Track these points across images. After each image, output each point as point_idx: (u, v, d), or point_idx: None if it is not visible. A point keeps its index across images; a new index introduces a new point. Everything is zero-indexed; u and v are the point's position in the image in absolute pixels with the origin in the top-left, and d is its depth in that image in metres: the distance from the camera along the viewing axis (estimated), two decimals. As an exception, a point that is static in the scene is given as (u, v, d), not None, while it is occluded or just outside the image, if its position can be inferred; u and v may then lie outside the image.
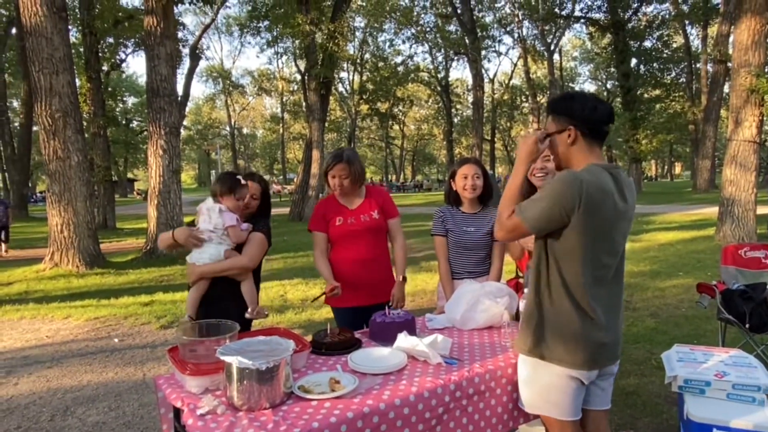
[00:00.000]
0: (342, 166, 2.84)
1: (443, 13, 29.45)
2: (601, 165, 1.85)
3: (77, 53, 16.81)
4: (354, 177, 2.89)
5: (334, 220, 2.94)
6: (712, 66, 24.70)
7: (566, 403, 1.89)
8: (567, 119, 1.88)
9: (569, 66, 50.56)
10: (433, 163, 67.75)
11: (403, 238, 3.08)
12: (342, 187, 2.88)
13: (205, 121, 58.01)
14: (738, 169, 9.39)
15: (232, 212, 2.58)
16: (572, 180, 1.75)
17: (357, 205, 2.98)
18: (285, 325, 5.39)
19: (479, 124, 22.98)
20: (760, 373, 2.56)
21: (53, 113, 8.74)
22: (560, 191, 1.76)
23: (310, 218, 3.03)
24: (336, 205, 2.98)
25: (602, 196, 1.77)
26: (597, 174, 1.79)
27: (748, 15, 9.15)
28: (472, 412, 1.94)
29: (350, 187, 2.91)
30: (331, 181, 2.90)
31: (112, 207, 18.23)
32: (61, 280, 8.32)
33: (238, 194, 2.60)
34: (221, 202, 2.58)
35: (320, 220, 2.97)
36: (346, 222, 2.93)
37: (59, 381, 4.18)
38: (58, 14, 8.75)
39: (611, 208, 1.79)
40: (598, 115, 1.86)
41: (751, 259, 4.20)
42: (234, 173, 2.68)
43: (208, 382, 1.81)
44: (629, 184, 1.91)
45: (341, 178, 2.86)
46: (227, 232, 2.57)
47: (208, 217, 2.56)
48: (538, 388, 1.92)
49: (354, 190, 2.95)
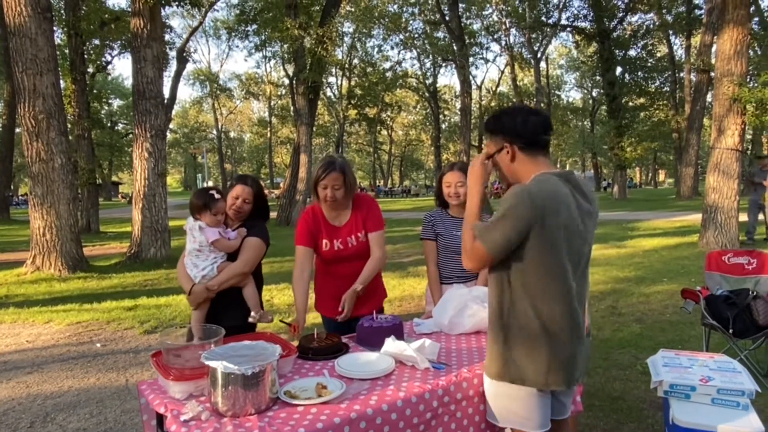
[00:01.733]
0: (335, 175, 2.61)
1: (431, 19, 29.64)
2: (549, 172, 1.82)
3: (62, 54, 16.60)
4: (347, 188, 2.66)
5: (321, 241, 2.76)
6: (695, 75, 25.11)
7: (535, 416, 1.84)
8: (501, 137, 1.87)
9: (555, 74, 51.15)
10: (421, 169, 68.02)
11: (381, 251, 2.78)
12: (334, 199, 2.64)
13: (192, 125, 57.63)
14: (721, 177, 9.53)
15: (212, 227, 2.59)
16: (521, 194, 1.72)
17: (345, 221, 2.78)
18: (272, 329, 5.34)
19: (467, 130, 23.08)
20: (744, 377, 2.58)
21: (36, 115, 8.61)
22: (514, 208, 1.72)
23: (296, 231, 2.81)
24: (323, 221, 2.78)
25: (555, 202, 1.73)
26: (545, 182, 1.76)
27: (731, 25, 9.32)
28: (460, 418, 1.93)
29: (342, 200, 2.68)
30: (322, 192, 2.64)
31: (96, 210, 17.98)
32: (43, 284, 8.18)
33: (213, 210, 2.59)
34: (199, 220, 2.60)
35: (307, 233, 2.76)
36: (333, 247, 2.75)
37: (39, 387, 4.10)
38: (42, 15, 8.64)
39: (571, 210, 1.76)
40: (531, 127, 1.82)
41: (735, 265, 4.26)
42: (208, 189, 2.66)
43: (192, 388, 1.78)
44: (585, 184, 1.89)
45: (334, 189, 2.62)
46: (213, 247, 2.59)
47: (192, 237, 2.59)
48: (506, 404, 1.87)
49: (346, 202, 2.74)
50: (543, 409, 1.85)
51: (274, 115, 47.71)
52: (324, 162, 2.69)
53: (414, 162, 64.79)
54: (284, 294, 7.17)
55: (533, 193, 1.71)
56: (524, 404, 1.83)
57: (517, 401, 1.83)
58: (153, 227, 10.26)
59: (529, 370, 1.78)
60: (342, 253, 2.76)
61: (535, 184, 1.75)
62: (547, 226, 1.71)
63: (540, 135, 1.84)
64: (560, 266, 1.75)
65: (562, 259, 1.75)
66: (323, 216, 2.78)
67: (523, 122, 1.82)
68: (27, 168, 9.01)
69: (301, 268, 2.74)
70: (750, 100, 9.19)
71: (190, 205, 2.64)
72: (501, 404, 1.88)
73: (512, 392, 1.83)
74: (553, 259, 1.74)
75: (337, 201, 2.66)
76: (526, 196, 1.71)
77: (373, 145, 53.11)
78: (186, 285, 2.62)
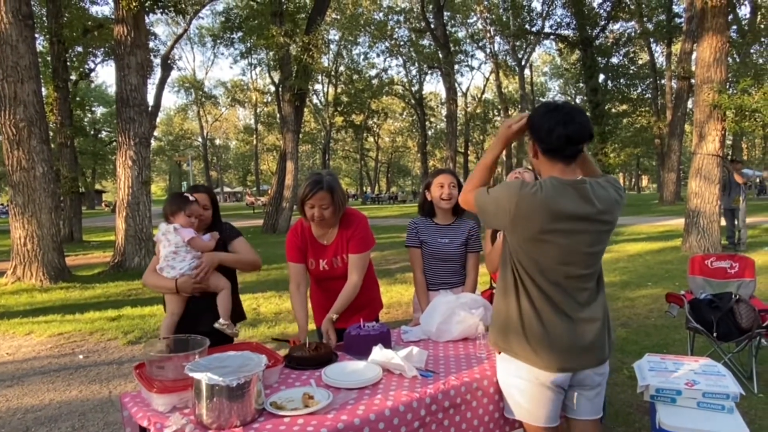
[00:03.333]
0: (322, 194, 2.47)
1: (417, 27, 29.79)
2: (563, 179, 1.85)
3: (44, 62, 16.39)
4: (336, 206, 2.54)
5: (308, 259, 2.72)
6: (676, 82, 25.54)
7: (538, 409, 1.92)
8: (530, 133, 1.94)
9: (540, 81, 51.73)
10: (408, 175, 68.16)
11: (358, 276, 2.66)
12: (321, 218, 2.53)
13: (177, 132, 57.16)
14: (702, 182, 9.68)
15: (186, 228, 2.58)
16: (513, 186, 1.86)
17: (332, 239, 2.70)
18: (258, 339, 5.29)
19: (453, 136, 23.16)
20: (729, 381, 2.61)
21: (17, 122, 8.48)
22: (500, 193, 1.89)
23: (286, 247, 2.76)
24: (309, 239, 2.71)
25: (533, 209, 1.80)
26: (547, 187, 1.81)
27: (710, 33, 9.49)
28: (448, 426, 1.92)
29: (331, 219, 2.58)
30: (309, 212, 2.52)
31: (78, 219, 17.72)
32: (24, 295, 8.03)
33: (188, 211, 2.58)
34: (173, 222, 2.58)
35: (297, 250, 2.70)
36: (318, 267, 2.72)
37: (20, 400, 4.01)
38: (23, 22, 8.53)
39: (551, 219, 1.80)
40: (555, 138, 1.84)
41: (718, 269, 4.31)
42: (181, 192, 2.68)
43: (176, 400, 1.75)
44: (599, 193, 1.88)
45: (321, 209, 2.49)
46: (189, 246, 2.55)
47: (167, 241, 2.55)
48: (512, 390, 1.97)
49: (334, 220, 2.64)
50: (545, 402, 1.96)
51: (260, 122, 47.52)
52: (311, 180, 2.54)
53: (401, 169, 64.93)
54: (270, 302, 7.11)
55: (522, 191, 1.82)
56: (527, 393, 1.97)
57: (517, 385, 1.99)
58: (137, 236, 10.14)
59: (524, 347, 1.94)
60: (328, 273, 2.72)
61: (537, 186, 1.83)
62: (521, 223, 1.83)
63: (564, 146, 1.85)
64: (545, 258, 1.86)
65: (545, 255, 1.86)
66: (310, 233, 2.70)
67: (548, 131, 1.85)
68: (7, 177, 8.86)
69: (296, 283, 2.71)
70: (729, 107, 9.36)
71: (163, 210, 2.63)
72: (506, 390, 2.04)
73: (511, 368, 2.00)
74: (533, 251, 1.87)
75: (324, 220, 2.56)
76: (516, 190, 1.83)
77: (360, 152, 53.13)
78: (166, 282, 2.53)
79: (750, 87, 10.51)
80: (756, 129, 10.39)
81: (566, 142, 1.84)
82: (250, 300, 7.18)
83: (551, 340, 1.86)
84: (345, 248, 2.68)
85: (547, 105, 1.90)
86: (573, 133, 1.83)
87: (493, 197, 1.91)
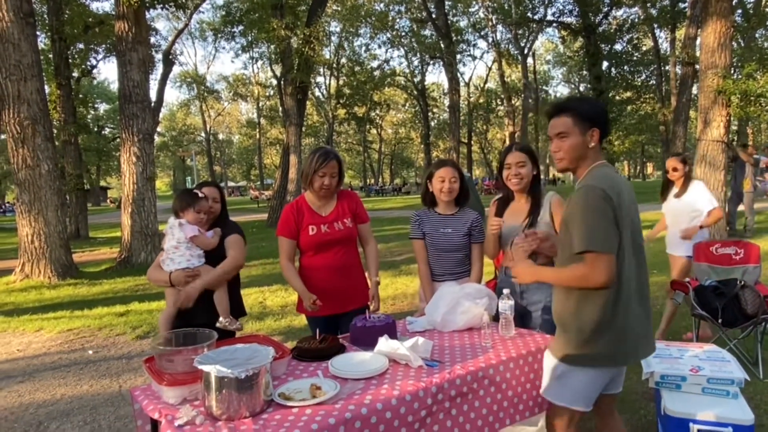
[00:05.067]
0: (333, 164, 2.76)
1: (418, 17, 29.62)
2: (605, 164, 2.01)
3: (46, 59, 16.40)
4: (341, 176, 2.83)
5: (306, 228, 2.83)
6: (680, 68, 25.27)
7: (592, 397, 2.00)
8: (590, 122, 1.98)
9: (543, 69, 51.33)
10: (411, 167, 68.01)
11: (374, 241, 3.06)
12: (330, 188, 2.78)
13: (180, 127, 57.23)
14: (708, 168, 9.62)
15: (192, 224, 2.66)
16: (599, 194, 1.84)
17: (330, 211, 2.88)
18: (264, 332, 5.33)
19: (456, 127, 23.11)
20: (733, 366, 2.62)
21: (22, 121, 8.52)
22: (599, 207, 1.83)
23: (279, 223, 2.91)
24: (308, 210, 2.86)
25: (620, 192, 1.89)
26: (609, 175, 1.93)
27: (714, 18, 9.40)
28: (456, 415, 1.94)
29: (335, 188, 2.84)
30: (318, 181, 2.75)
31: (84, 216, 17.80)
32: (33, 292, 8.10)
33: (197, 207, 2.67)
34: (182, 217, 2.66)
35: (290, 225, 2.85)
36: (320, 231, 2.83)
37: (32, 395, 4.06)
38: (25, 20, 8.55)
39: (631, 197, 1.96)
40: (606, 117, 2.03)
41: (723, 255, 4.31)
42: (190, 189, 2.77)
43: (186, 393, 1.78)
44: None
45: (331, 177, 2.76)
46: (191, 243, 2.64)
47: (171, 235, 2.65)
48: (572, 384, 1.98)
49: (335, 191, 2.89)
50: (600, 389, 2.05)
51: (263, 116, 47.49)
52: (320, 152, 2.78)
53: (404, 160, 64.77)
54: (276, 295, 7.15)
55: (605, 189, 1.84)
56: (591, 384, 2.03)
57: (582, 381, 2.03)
58: (143, 232, 10.20)
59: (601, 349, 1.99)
60: (327, 237, 2.83)
61: (602, 179, 1.89)
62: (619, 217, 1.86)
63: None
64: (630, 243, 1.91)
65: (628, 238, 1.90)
66: (308, 207, 2.88)
67: (604, 111, 2.02)
68: (13, 175, 8.92)
69: (287, 256, 2.87)
70: (734, 92, 9.28)
71: (173, 205, 2.71)
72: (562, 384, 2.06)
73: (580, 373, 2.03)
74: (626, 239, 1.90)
75: (331, 189, 2.80)
76: (603, 192, 1.84)
77: (363, 144, 53.04)
78: (163, 275, 2.65)
79: (755, 72, 10.40)
80: (761, 114, 10.28)
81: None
82: (256, 293, 7.23)
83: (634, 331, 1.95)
84: (346, 214, 2.89)
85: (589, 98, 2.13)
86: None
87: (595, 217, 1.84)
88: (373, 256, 3.01)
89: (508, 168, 2.75)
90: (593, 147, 1.98)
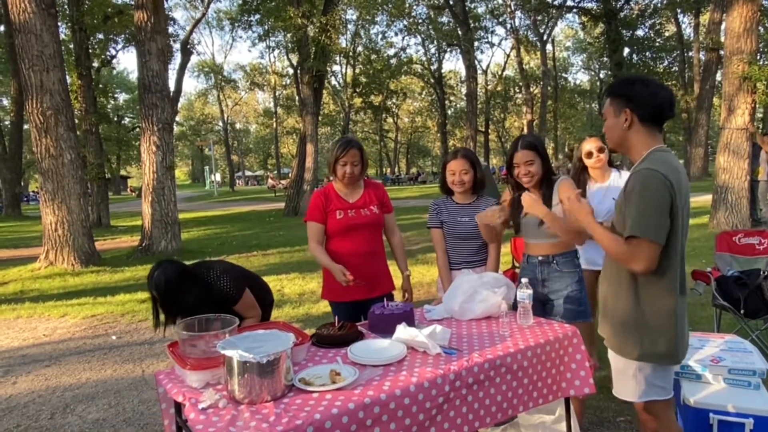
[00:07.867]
0: (354, 152, 2.85)
1: (435, 4, 29.27)
2: (664, 148, 1.94)
3: (67, 50, 16.62)
4: (364, 164, 2.91)
5: (334, 213, 2.91)
6: (704, 54, 24.73)
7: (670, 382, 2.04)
8: (625, 102, 1.93)
9: (562, 56, 50.47)
10: (428, 156, 67.70)
11: (400, 233, 3.19)
12: (353, 175, 2.87)
13: (198, 117, 57.64)
14: (731, 157, 9.43)
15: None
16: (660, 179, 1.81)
17: (357, 197, 2.97)
18: (283, 319, 5.40)
19: (473, 115, 22.90)
20: (756, 357, 2.59)
21: (44, 111, 8.67)
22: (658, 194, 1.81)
23: (308, 208, 2.99)
24: (336, 197, 2.95)
25: (679, 178, 1.85)
26: (668, 160, 1.88)
27: (740, 2, 9.16)
28: (471, 401, 1.95)
29: (359, 175, 2.91)
30: (341, 170, 2.86)
31: (105, 204, 18.11)
32: (57, 279, 8.29)
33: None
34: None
35: (319, 210, 2.93)
36: (347, 215, 2.91)
37: (58, 379, 4.18)
38: (47, 10, 8.66)
39: (687, 185, 1.91)
40: (659, 100, 1.91)
41: (746, 245, 4.24)
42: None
43: (209, 377, 1.82)
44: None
45: (353, 165, 2.85)
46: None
47: None
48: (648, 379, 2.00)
49: (360, 179, 2.97)
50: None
51: (280, 105, 47.54)
52: (342, 141, 2.91)
53: (420, 149, 64.47)
54: (294, 284, 7.22)
55: (664, 174, 1.81)
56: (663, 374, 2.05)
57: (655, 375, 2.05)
58: (163, 220, 10.34)
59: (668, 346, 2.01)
60: (353, 221, 2.90)
61: (661, 164, 1.84)
62: (676, 205, 1.83)
63: (665, 111, 1.93)
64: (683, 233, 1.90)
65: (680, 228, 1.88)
66: (336, 193, 2.97)
67: (652, 94, 1.90)
68: (37, 164, 9.09)
69: (316, 239, 2.93)
70: (760, 78, 9.06)
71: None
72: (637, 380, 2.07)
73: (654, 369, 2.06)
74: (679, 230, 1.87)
75: (354, 177, 2.88)
76: (663, 178, 1.80)
77: (379, 133, 52.90)
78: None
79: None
80: (788, 101, 10.04)
81: (669, 105, 1.92)
82: (274, 281, 7.30)
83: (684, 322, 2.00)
84: (373, 201, 3.00)
85: (634, 77, 1.98)
86: (671, 98, 1.93)
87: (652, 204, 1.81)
88: (400, 248, 3.15)
89: (518, 167, 2.69)
90: (635, 129, 1.94)
